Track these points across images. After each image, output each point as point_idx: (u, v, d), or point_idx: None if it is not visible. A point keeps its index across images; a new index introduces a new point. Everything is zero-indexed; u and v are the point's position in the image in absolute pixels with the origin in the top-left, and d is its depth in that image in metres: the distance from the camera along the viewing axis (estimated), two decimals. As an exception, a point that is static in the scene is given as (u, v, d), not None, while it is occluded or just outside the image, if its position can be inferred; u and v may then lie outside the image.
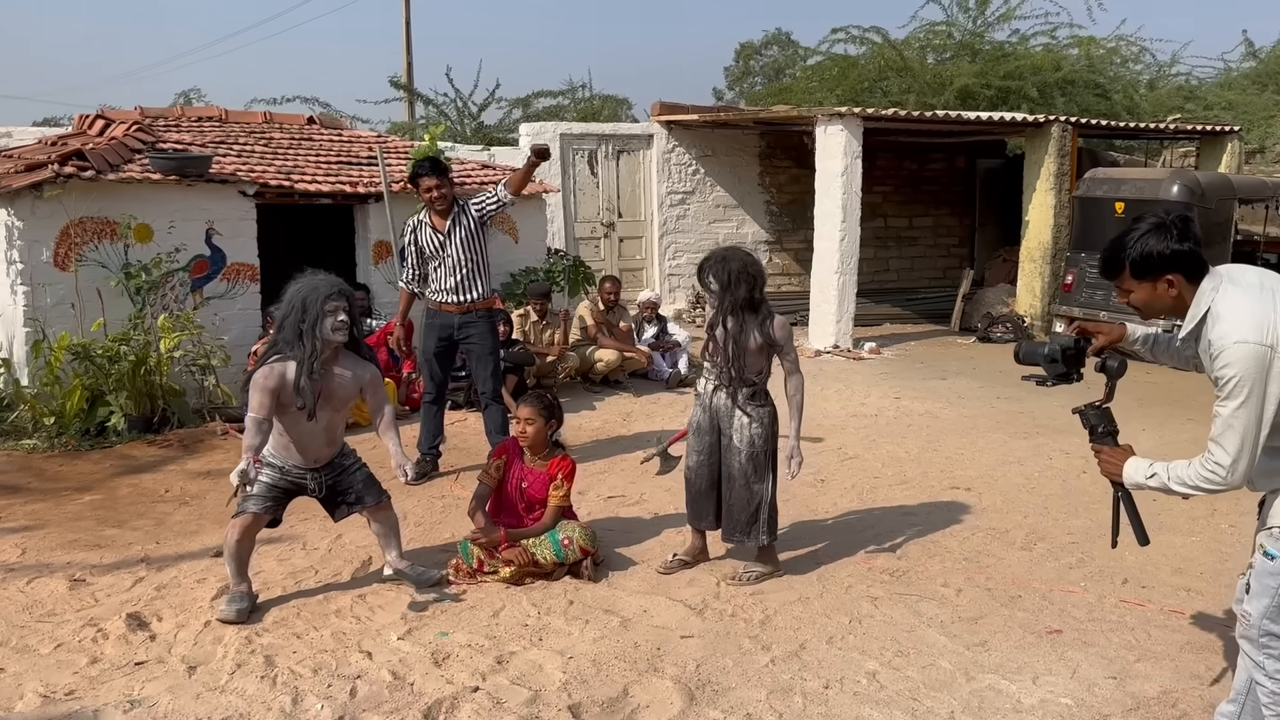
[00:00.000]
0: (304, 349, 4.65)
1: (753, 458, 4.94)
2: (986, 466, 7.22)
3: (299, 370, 4.64)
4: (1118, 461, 3.25)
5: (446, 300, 6.77)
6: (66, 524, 5.98)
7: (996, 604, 4.78)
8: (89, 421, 7.84)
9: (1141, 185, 11.54)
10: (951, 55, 20.36)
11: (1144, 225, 3.09)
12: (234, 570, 4.74)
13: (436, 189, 6.64)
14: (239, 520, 4.72)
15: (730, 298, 4.84)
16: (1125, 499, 3.35)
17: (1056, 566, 5.29)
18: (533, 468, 5.27)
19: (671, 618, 4.61)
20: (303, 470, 4.85)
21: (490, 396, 6.89)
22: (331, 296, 4.70)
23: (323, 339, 4.68)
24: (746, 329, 4.86)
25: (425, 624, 4.57)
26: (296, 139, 10.77)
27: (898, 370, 11.11)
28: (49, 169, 7.98)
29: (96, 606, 4.78)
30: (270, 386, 4.62)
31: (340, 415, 4.92)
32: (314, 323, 4.65)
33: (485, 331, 6.83)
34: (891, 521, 5.99)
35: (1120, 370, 3.48)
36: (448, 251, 6.71)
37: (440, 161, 6.91)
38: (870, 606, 4.73)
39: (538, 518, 5.23)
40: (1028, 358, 3.66)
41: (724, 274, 4.86)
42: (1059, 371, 3.56)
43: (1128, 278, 3.14)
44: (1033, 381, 3.67)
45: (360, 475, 5.01)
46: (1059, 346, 3.56)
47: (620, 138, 14.61)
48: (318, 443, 4.83)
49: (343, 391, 4.84)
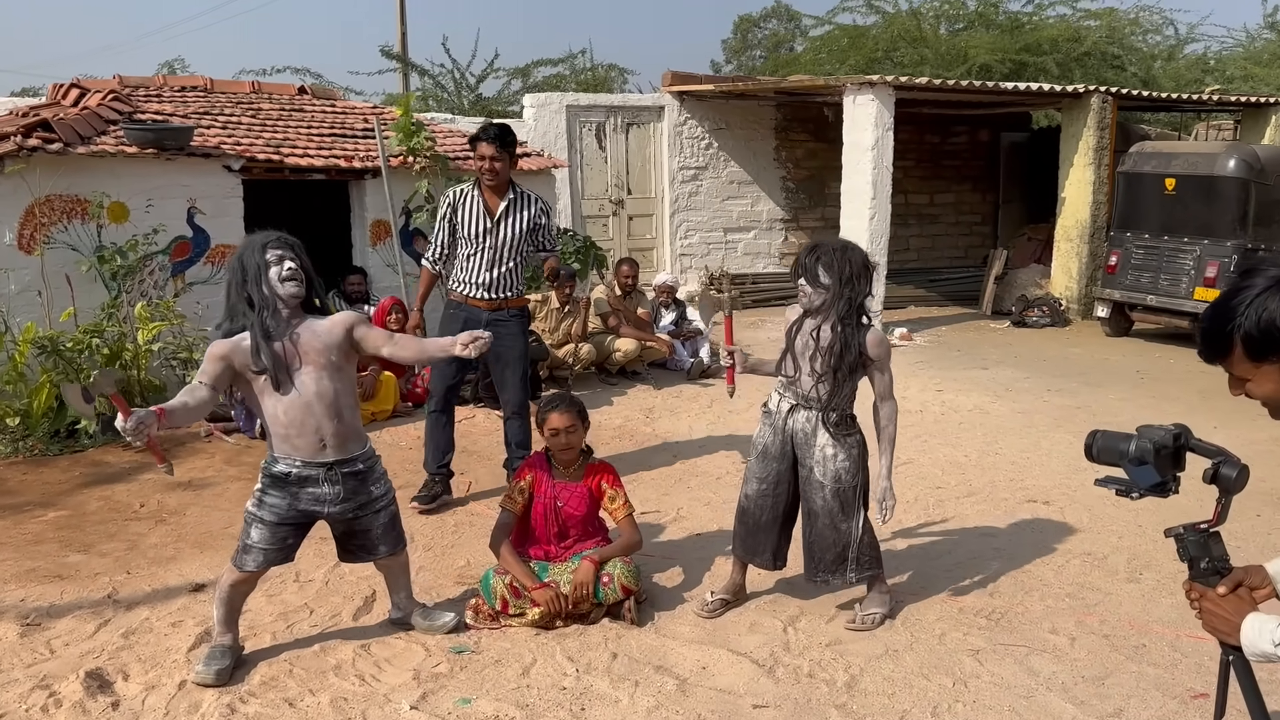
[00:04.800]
0: (255, 311, 3.85)
1: (839, 494, 4.18)
2: (1059, 474, 6.47)
3: (252, 332, 3.83)
4: (1229, 616, 2.19)
5: (476, 295, 5.78)
6: (25, 548, 5.22)
7: (1120, 657, 4.04)
8: (58, 422, 7.06)
9: (1194, 160, 10.77)
10: (964, 26, 19.57)
11: (1259, 280, 2.04)
12: (220, 617, 3.99)
13: (492, 160, 5.61)
14: (232, 573, 3.96)
15: (847, 297, 4.06)
16: (1239, 666, 2.26)
17: (1174, 604, 4.54)
18: (565, 483, 4.52)
19: (737, 678, 3.86)
20: (315, 467, 3.93)
21: (516, 407, 5.91)
22: (270, 244, 3.89)
23: (272, 291, 3.85)
24: (852, 340, 4.08)
25: (442, 686, 3.82)
26: (287, 110, 9.98)
27: (933, 359, 10.35)
28: (11, 141, 7.18)
29: (51, 660, 4.02)
30: (219, 353, 3.82)
31: (333, 377, 3.94)
32: (256, 275, 3.85)
33: (517, 333, 5.88)
34: (970, 545, 5.24)
35: (1240, 482, 2.33)
36: (494, 240, 5.72)
37: (511, 133, 5.74)
38: (974, 663, 3.98)
39: (571, 543, 4.49)
40: (1105, 455, 2.52)
41: (844, 266, 4.06)
42: (1150, 481, 2.41)
43: (1241, 360, 2.08)
44: (1110, 488, 2.50)
45: (384, 518, 4.14)
46: (1150, 444, 2.43)
47: (630, 110, 13.79)
48: (315, 416, 3.89)
49: (320, 341, 3.91)
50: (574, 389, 8.63)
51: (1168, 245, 10.96)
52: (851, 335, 4.07)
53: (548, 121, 13.00)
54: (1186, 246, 10.78)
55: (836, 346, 4.06)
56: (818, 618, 4.40)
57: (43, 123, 7.59)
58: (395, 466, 5.86)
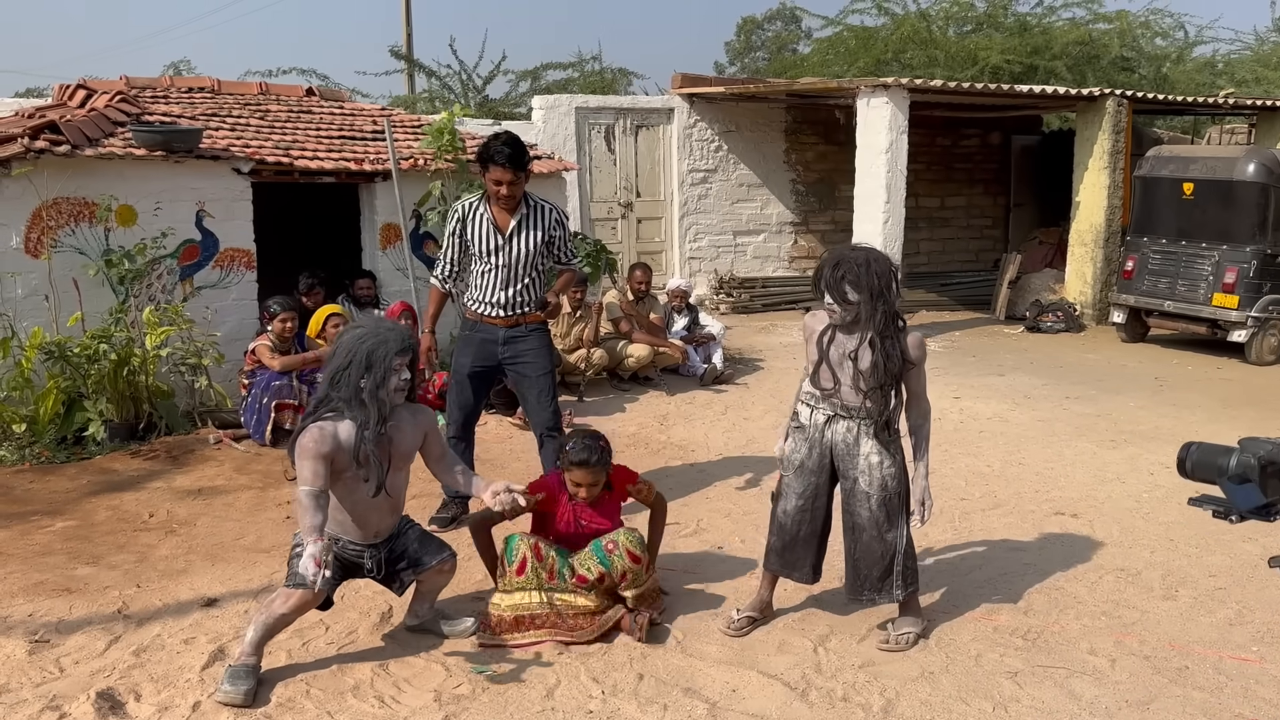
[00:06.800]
0: (366, 413, 3.81)
1: (885, 503, 4.07)
2: (1085, 485, 6.35)
3: (359, 437, 3.80)
4: None
5: (491, 314, 5.42)
6: (32, 560, 5.10)
7: (1163, 680, 3.91)
8: (65, 429, 6.95)
9: (1213, 164, 10.64)
10: (973, 29, 19.44)
11: None
12: (254, 639, 3.85)
13: (509, 185, 5.18)
14: (299, 594, 3.85)
15: (882, 311, 3.94)
16: None
17: (1214, 623, 4.42)
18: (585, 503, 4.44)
19: (769, 702, 3.74)
20: (360, 547, 4.02)
21: (546, 427, 5.45)
22: (401, 352, 3.87)
23: (389, 398, 3.85)
24: (894, 352, 3.96)
25: (465, 709, 3.69)
26: (295, 112, 9.86)
27: (949, 365, 10.22)
28: (18, 143, 7.06)
29: (61, 679, 3.91)
30: (324, 452, 3.76)
31: (403, 475, 4.09)
32: (379, 382, 3.82)
33: (539, 348, 5.45)
34: (1000, 560, 5.11)
35: None
36: (507, 258, 5.35)
37: (523, 147, 5.24)
38: (1012, 686, 3.85)
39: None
40: (1200, 471, 2.31)
41: (871, 280, 3.93)
42: (1253, 502, 2.19)
43: None
44: (1206, 509, 2.32)
45: (414, 534, 4.19)
46: (1254, 460, 2.21)
47: (639, 112, 13.67)
48: (379, 513, 4.00)
49: (405, 445, 4.03)
50: (586, 395, 8.52)
51: (1185, 250, 10.83)
52: (893, 347, 3.95)
53: (556, 123, 12.88)
54: (1204, 252, 10.65)
55: (881, 362, 3.93)
56: (848, 637, 4.28)
57: (50, 124, 7.47)
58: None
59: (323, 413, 3.84)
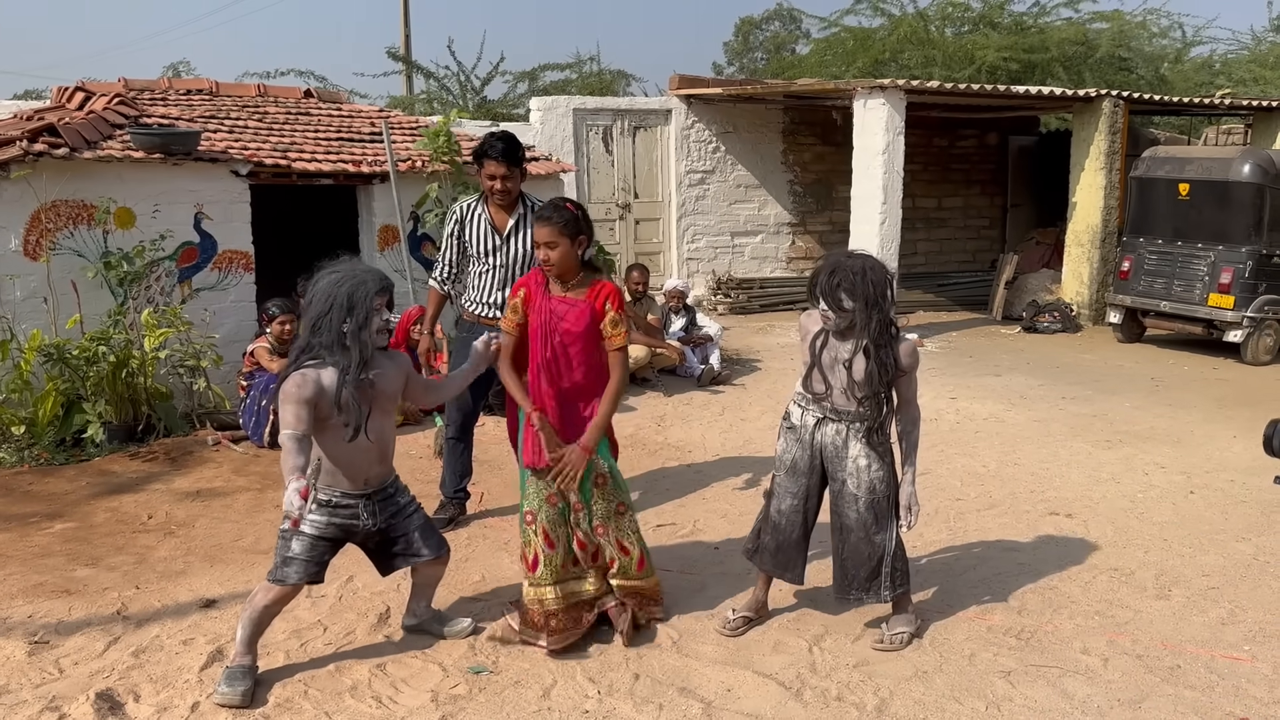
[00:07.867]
0: (348, 356, 3.76)
1: (873, 505, 4.10)
2: (1080, 485, 6.38)
3: (340, 381, 3.74)
4: None
5: (489, 314, 5.44)
6: (32, 561, 5.12)
7: (1155, 679, 3.94)
8: (64, 431, 6.98)
9: (1209, 165, 10.67)
10: (969, 29, 19.47)
11: None
12: (245, 638, 3.88)
13: (503, 180, 5.26)
14: (275, 588, 3.86)
15: (877, 319, 3.95)
16: None
17: (1206, 622, 4.45)
18: (564, 297, 4.20)
19: (764, 701, 3.77)
20: (353, 500, 3.93)
21: None
22: (382, 291, 3.85)
23: (371, 340, 3.82)
24: (888, 360, 3.99)
25: (461, 709, 3.72)
26: (293, 113, 9.88)
27: (945, 365, 10.25)
28: (17, 146, 7.09)
29: (60, 680, 3.93)
30: (306, 397, 3.71)
31: (390, 419, 4.03)
32: (361, 324, 3.78)
33: None
34: (995, 561, 5.14)
35: None
36: (504, 258, 5.41)
37: (517, 143, 5.34)
38: (1005, 685, 3.88)
39: (576, 364, 4.22)
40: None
41: (867, 288, 3.93)
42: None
43: None
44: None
45: (417, 520, 4.16)
46: None
47: (636, 113, 13.69)
48: (368, 459, 3.92)
49: (389, 388, 3.96)
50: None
51: (1181, 251, 10.86)
52: (887, 356, 3.97)
53: (554, 125, 12.91)
54: (1200, 252, 10.68)
55: (875, 371, 3.96)
56: (843, 636, 4.30)
57: (48, 127, 7.49)
58: (407, 476, 5.70)
59: (304, 361, 3.79)
